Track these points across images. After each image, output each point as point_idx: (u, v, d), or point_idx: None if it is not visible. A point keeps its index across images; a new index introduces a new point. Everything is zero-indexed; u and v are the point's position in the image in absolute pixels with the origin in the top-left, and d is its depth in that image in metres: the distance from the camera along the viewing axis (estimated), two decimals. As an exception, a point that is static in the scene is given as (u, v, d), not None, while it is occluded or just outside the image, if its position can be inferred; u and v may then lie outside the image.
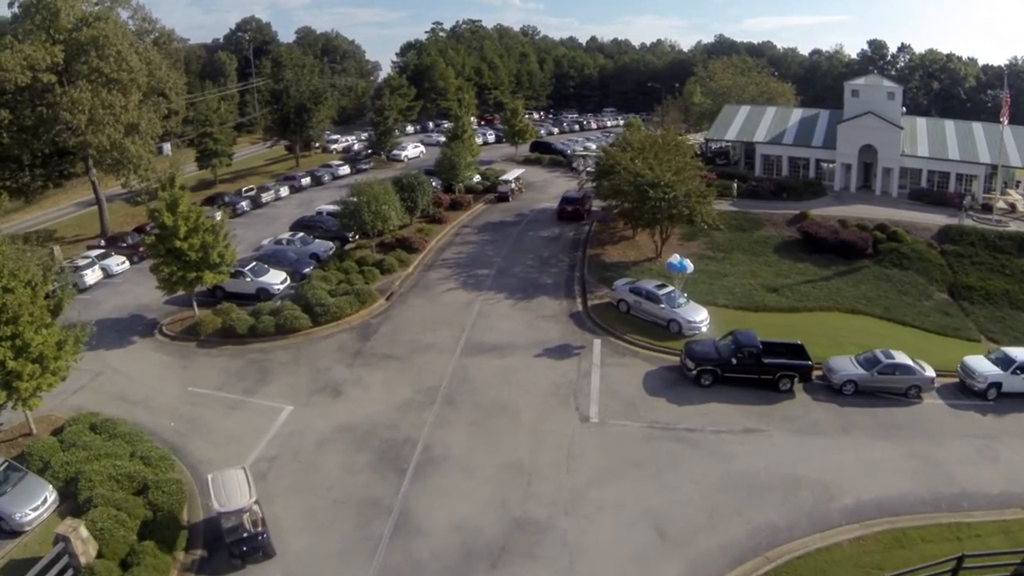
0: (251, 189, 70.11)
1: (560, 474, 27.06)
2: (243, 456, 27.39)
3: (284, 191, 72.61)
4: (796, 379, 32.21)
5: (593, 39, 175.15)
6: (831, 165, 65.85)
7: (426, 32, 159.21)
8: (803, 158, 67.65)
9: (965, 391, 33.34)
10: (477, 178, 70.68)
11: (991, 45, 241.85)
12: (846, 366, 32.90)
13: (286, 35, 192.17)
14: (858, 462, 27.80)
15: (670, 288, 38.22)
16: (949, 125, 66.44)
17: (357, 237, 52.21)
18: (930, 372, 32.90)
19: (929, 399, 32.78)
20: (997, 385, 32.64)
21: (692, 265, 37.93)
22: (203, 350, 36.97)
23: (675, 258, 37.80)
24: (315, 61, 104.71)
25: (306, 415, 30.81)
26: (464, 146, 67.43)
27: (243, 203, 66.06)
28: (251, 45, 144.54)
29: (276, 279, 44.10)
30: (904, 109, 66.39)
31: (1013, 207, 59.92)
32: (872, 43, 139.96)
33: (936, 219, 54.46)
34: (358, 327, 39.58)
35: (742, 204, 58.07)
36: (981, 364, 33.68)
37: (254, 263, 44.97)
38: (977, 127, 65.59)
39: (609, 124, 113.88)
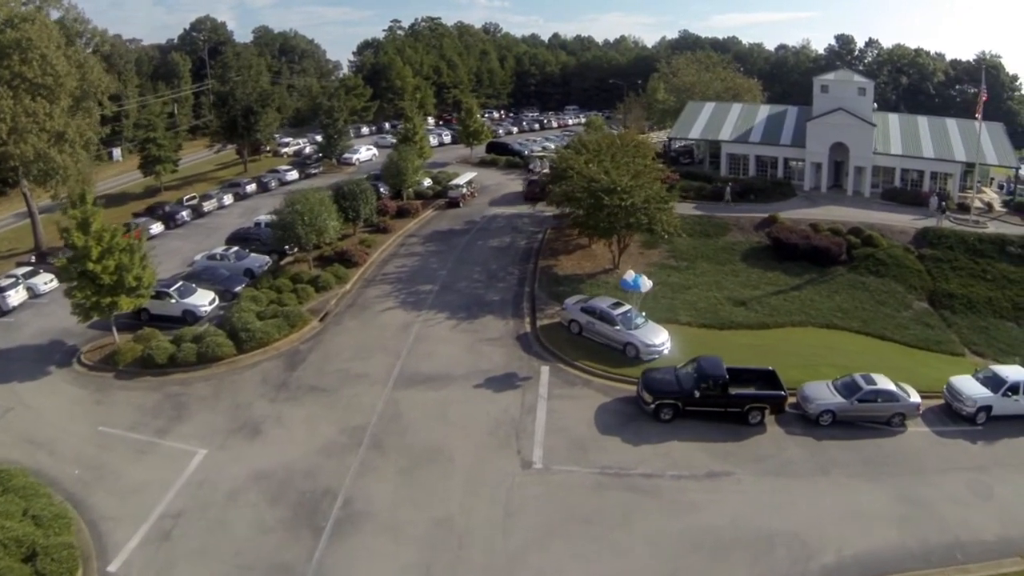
0: (193, 197, 66.02)
1: (495, 534, 23.25)
2: (148, 511, 24.66)
3: (228, 199, 68.36)
4: (767, 411, 28.37)
5: (556, 36, 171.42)
6: (800, 163, 62.56)
7: (384, 30, 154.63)
8: (771, 157, 64.30)
9: (952, 415, 30.17)
10: (428, 182, 66.46)
11: (958, 40, 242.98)
12: (823, 394, 29.22)
13: (248, 35, 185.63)
14: (839, 510, 24.34)
15: (626, 307, 34.24)
16: (922, 122, 63.51)
17: (295, 251, 47.80)
18: (915, 397, 29.43)
19: (914, 426, 29.44)
20: (987, 409, 29.59)
21: (649, 282, 33.93)
22: (120, 382, 33.76)
23: (629, 275, 33.77)
24: (261, 61, 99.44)
25: (220, 460, 27.48)
26: (412, 149, 62.99)
27: (183, 213, 62.00)
28: (206, 45, 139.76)
29: (203, 300, 40.79)
30: (875, 105, 63.30)
31: (990, 206, 57.04)
32: (840, 38, 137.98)
33: (912, 221, 51.29)
34: (286, 354, 35.80)
35: (707, 207, 54.42)
36: (969, 386, 30.48)
37: (181, 283, 41.74)
38: (951, 123, 62.81)
39: (571, 122, 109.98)
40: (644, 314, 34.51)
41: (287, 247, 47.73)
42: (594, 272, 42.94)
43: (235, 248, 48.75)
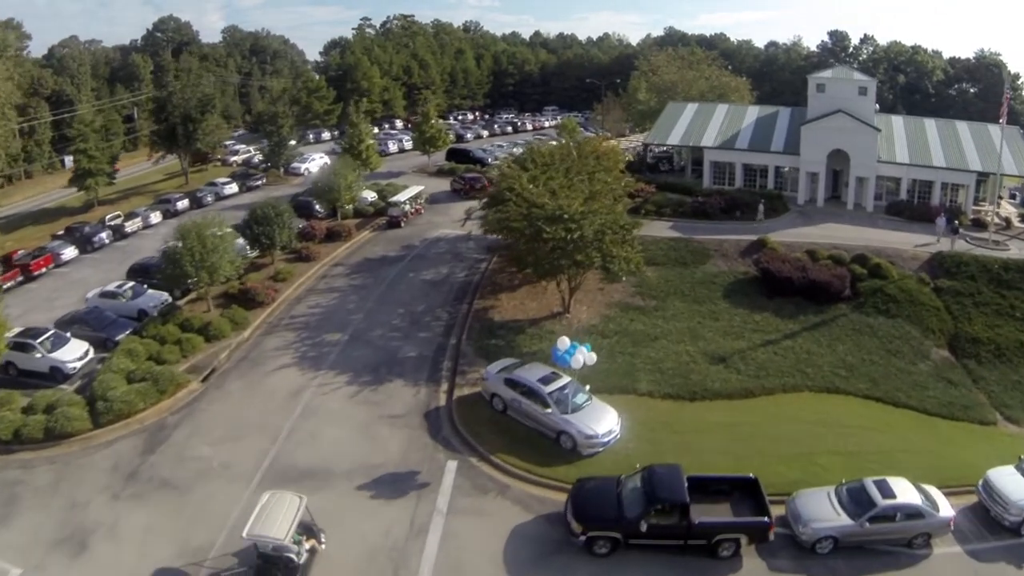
0: (117, 216, 58.65)
1: None
2: None
3: (155, 217, 60.43)
4: (745, 540, 20.33)
5: (537, 34, 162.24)
6: (793, 171, 54.58)
7: (353, 29, 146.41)
8: (760, 166, 56.30)
9: (990, 523, 22.59)
10: (372, 197, 58.34)
11: (955, 37, 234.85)
12: (822, 511, 21.21)
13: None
14: None
15: (562, 380, 26.01)
16: (930, 125, 55.62)
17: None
18: (945, 510, 21.60)
19: (942, 545, 21.60)
20: (1038, 517, 21.67)
21: (590, 357, 25.44)
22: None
23: (563, 343, 25.49)
24: (199, 65, 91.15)
25: (31, 588, 20.49)
26: (347, 163, 54.98)
27: (102, 235, 54.53)
28: (169, 46, 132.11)
29: (74, 353, 34.00)
30: (877, 106, 55.36)
31: (1008, 222, 49.13)
32: (833, 34, 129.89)
33: (923, 244, 43.36)
34: (150, 429, 28.50)
35: (685, 228, 46.28)
36: (1013, 485, 22.68)
37: (53, 331, 34.81)
38: (963, 127, 54.97)
39: (547, 124, 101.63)
40: (587, 389, 26.31)
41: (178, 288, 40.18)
42: (539, 318, 34.76)
43: (132, 283, 41.58)
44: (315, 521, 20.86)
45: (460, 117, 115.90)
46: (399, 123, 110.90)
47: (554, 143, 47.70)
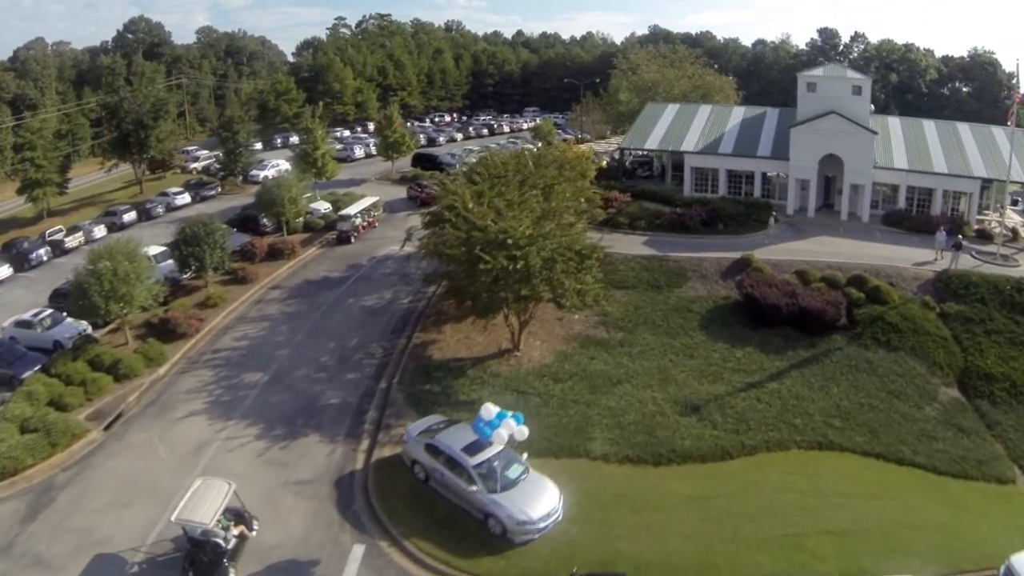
0: (59, 230, 54.29)
1: None
2: None
3: (100, 231, 55.62)
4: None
5: (519, 33, 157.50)
6: (782, 177, 50.02)
7: (327, 29, 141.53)
8: (746, 172, 51.67)
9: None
10: (326, 208, 53.59)
11: (947, 35, 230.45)
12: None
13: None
14: None
15: (493, 449, 21.10)
16: (929, 127, 51.07)
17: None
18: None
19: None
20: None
21: (521, 432, 20.57)
22: None
23: (487, 411, 20.53)
24: (150, 67, 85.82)
25: None
26: (300, 171, 50.29)
27: (41, 251, 50.19)
28: (139, 47, 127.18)
29: None
30: (872, 107, 50.76)
31: (1015, 233, 44.65)
32: (823, 31, 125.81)
33: (924, 258, 38.90)
34: (36, 489, 24.25)
35: (660, 243, 41.56)
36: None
37: None
38: (964, 129, 50.44)
39: (524, 127, 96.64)
40: (524, 459, 21.46)
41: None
42: (484, 356, 29.87)
43: (50, 311, 37.31)
44: (247, 508, 20.73)
45: (437, 119, 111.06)
46: (372, 126, 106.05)
47: (509, 150, 42.84)
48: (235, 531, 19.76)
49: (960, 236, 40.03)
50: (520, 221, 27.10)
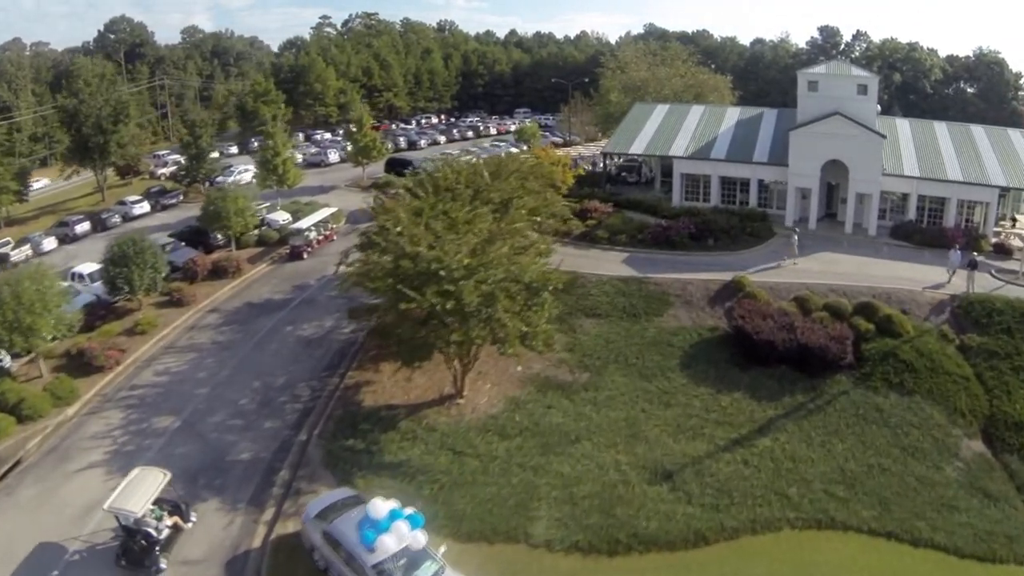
0: (6, 243, 50.99)
1: None
2: None
3: (50, 244, 52.06)
4: None
5: (512, 32, 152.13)
6: (780, 185, 45.44)
7: (311, 28, 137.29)
8: (741, 178, 47.10)
9: None
10: (285, 219, 49.14)
11: (951, 34, 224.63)
12: None
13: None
14: None
15: (397, 545, 16.42)
16: (941, 130, 46.50)
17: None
18: None
19: None
20: None
21: (417, 536, 16.40)
22: None
23: (376, 509, 16.16)
24: (124, 69, 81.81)
25: None
26: (234, 190, 46.05)
27: None
28: (121, 48, 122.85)
29: None
30: (878, 108, 46.12)
31: (1038, 247, 39.98)
32: (823, 30, 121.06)
33: (938, 278, 34.29)
34: None
35: (642, 262, 36.89)
36: None
37: None
38: (979, 132, 45.92)
39: (512, 128, 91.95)
40: (440, 554, 16.89)
41: None
42: (422, 402, 25.33)
43: None
44: (183, 498, 20.80)
45: (424, 121, 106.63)
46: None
47: (468, 158, 38.25)
48: (168, 521, 19.89)
49: (976, 253, 35.41)
50: (460, 247, 22.47)
